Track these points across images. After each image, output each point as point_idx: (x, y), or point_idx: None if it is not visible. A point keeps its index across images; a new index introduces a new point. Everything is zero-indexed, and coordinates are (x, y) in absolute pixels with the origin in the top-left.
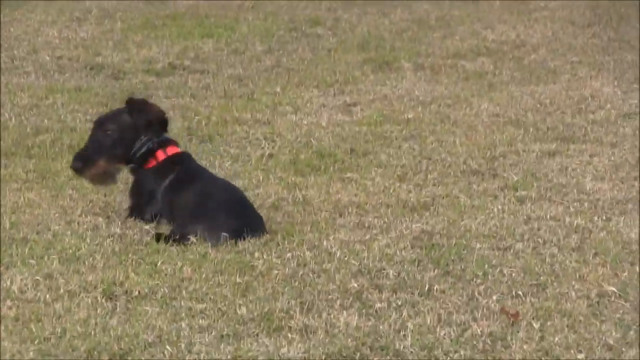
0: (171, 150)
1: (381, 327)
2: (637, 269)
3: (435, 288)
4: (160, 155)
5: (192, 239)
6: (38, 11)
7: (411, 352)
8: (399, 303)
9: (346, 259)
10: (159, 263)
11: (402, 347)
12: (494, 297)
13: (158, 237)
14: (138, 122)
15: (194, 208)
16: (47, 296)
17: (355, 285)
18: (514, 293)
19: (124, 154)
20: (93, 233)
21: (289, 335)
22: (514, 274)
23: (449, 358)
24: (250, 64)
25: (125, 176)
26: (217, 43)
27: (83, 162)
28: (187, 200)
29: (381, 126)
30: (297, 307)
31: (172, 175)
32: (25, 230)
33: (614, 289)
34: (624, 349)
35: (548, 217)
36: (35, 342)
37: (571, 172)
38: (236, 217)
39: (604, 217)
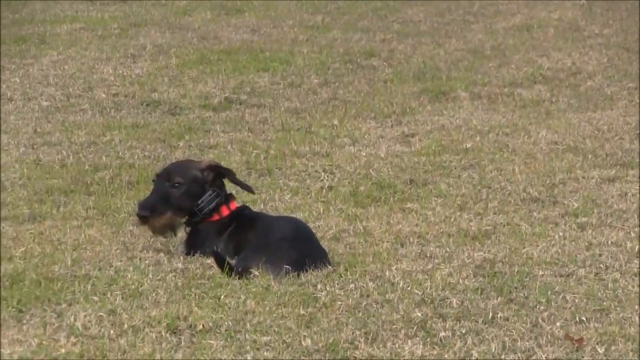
0: (233, 206)
1: (446, 355)
2: None
3: (498, 316)
4: (224, 210)
5: (255, 271)
6: (92, 48)
7: None
8: (463, 331)
9: (409, 288)
10: (222, 297)
11: None
12: (558, 324)
13: (221, 261)
14: (207, 177)
15: (256, 243)
16: (111, 332)
17: (419, 314)
18: (577, 319)
19: (191, 207)
20: (155, 268)
21: None
22: (577, 300)
23: None
24: (307, 97)
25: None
26: (272, 77)
27: (150, 212)
28: (250, 238)
29: (440, 156)
30: (361, 338)
31: (233, 226)
32: (87, 267)
33: None
34: None
35: (609, 242)
36: None
37: (631, 197)
38: (298, 249)
39: None
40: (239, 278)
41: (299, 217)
